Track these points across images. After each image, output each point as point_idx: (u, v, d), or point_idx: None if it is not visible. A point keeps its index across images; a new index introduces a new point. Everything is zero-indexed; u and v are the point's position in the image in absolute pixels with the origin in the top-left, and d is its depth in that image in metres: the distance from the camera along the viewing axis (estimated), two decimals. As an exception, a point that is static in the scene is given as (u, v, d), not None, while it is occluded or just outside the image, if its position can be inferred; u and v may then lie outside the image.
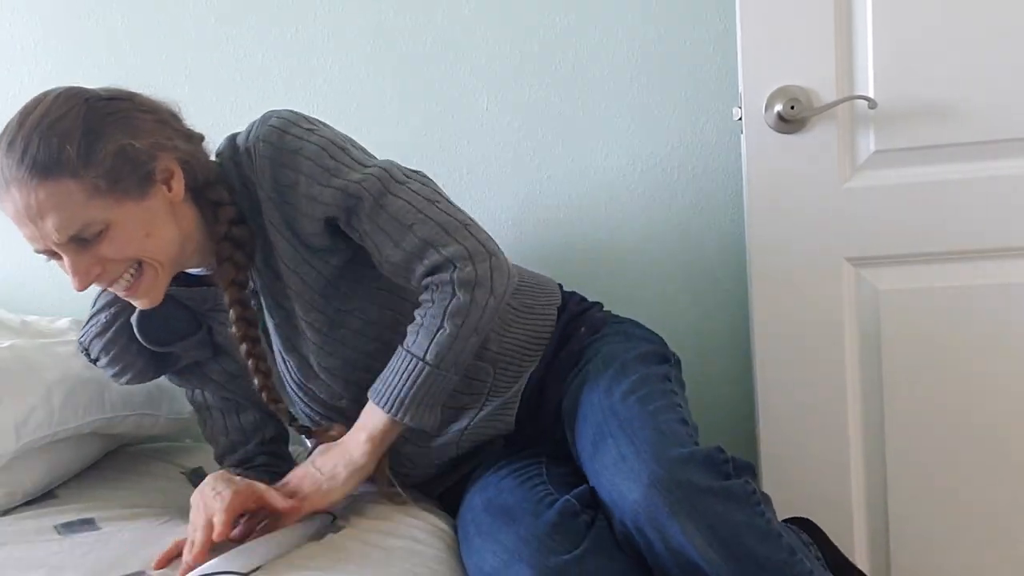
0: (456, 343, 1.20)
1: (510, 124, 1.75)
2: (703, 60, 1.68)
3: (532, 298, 1.40)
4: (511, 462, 1.31)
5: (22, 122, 1.12)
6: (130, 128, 1.14)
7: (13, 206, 1.12)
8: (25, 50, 1.89)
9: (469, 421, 1.32)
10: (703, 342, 1.73)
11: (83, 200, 1.11)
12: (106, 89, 1.18)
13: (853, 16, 1.43)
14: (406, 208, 1.20)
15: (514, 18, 1.72)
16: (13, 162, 1.11)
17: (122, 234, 1.14)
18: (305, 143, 1.19)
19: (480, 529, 1.21)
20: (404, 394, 1.21)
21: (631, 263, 1.75)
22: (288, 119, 1.21)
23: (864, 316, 1.51)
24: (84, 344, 1.34)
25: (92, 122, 1.12)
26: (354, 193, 1.19)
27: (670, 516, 1.07)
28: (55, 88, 1.17)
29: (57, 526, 1.30)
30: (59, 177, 1.10)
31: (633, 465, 1.12)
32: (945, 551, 1.53)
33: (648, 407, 1.21)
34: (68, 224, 1.11)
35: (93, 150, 1.11)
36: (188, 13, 1.83)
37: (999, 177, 1.43)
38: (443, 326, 1.19)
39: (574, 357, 1.37)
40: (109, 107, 1.15)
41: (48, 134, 1.10)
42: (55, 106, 1.13)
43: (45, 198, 1.10)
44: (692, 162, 1.71)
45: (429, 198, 1.22)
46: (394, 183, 1.21)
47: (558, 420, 1.35)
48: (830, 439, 1.53)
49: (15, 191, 1.11)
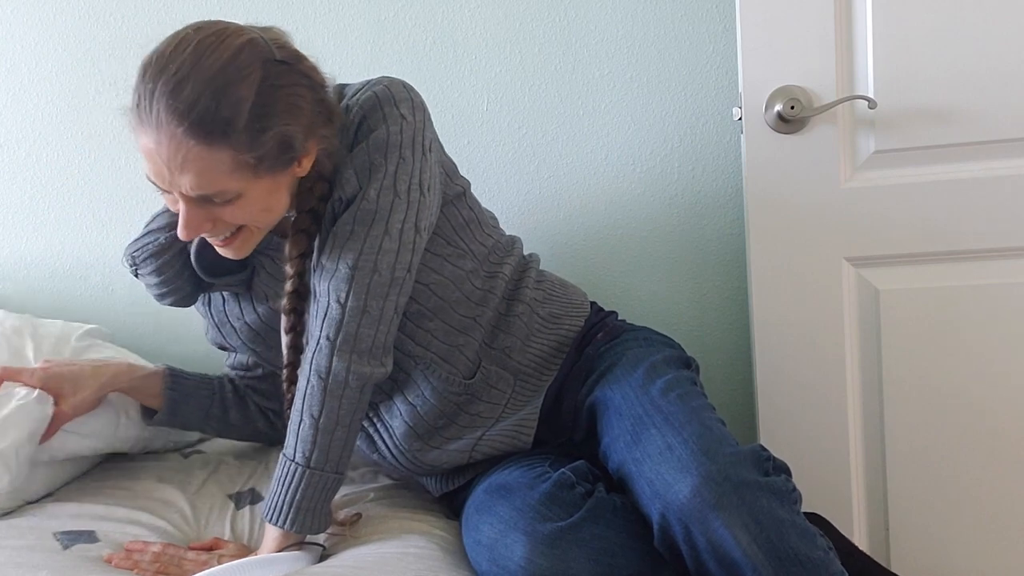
0: (320, 437, 1.18)
1: (510, 124, 1.75)
2: (703, 60, 1.68)
3: (560, 308, 1.39)
4: (518, 459, 1.31)
5: (196, 62, 1.07)
6: (295, 108, 1.12)
7: (155, 147, 1.08)
8: (25, 50, 1.89)
9: (484, 431, 1.32)
10: (703, 342, 1.73)
11: (228, 170, 1.10)
12: (277, 43, 1.14)
13: (853, 16, 1.43)
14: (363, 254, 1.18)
15: (514, 18, 1.72)
16: (174, 110, 1.06)
17: (247, 204, 1.14)
18: (383, 127, 1.19)
19: (479, 507, 1.22)
20: (284, 503, 1.18)
21: (631, 263, 1.75)
22: (393, 94, 1.20)
23: (864, 316, 1.51)
24: (136, 259, 1.33)
25: (265, 95, 1.09)
26: (360, 198, 1.18)
27: (717, 509, 1.07)
28: (228, 25, 1.12)
29: (56, 534, 1.28)
30: (217, 145, 1.07)
31: (681, 455, 1.12)
32: (945, 548, 1.54)
33: (689, 404, 1.21)
34: (205, 186, 1.10)
35: (259, 129, 1.09)
36: (188, 13, 1.83)
37: (999, 177, 1.43)
38: (303, 418, 1.19)
39: (592, 363, 1.36)
40: (281, 76, 1.11)
41: (220, 96, 1.06)
42: (234, 61, 1.08)
43: (194, 158, 1.08)
44: (692, 162, 1.71)
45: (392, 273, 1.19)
46: (385, 226, 1.18)
47: (575, 423, 1.35)
48: (830, 438, 1.54)
49: (164, 137, 1.07)
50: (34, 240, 1.95)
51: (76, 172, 1.91)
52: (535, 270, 1.40)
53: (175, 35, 1.11)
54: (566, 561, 1.10)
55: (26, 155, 1.93)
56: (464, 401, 1.31)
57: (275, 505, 1.19)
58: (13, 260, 1.96)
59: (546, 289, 1.39)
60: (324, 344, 1.18)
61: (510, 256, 1.37)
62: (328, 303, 1.19)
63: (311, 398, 1.18)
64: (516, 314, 1.33)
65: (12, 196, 1.94)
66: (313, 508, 1.19)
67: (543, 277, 1.41)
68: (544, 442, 1.35)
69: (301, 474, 1.18)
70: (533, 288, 1.37)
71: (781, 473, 1.15)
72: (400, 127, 1.19)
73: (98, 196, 1.91)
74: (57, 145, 1.91)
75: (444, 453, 1.32)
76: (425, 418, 1.30)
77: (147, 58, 1.10)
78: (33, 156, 1.92)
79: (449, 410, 1.31)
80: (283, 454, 1.20)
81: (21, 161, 1.93)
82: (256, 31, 1.13)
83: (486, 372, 1.31)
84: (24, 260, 1.96)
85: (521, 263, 1.39)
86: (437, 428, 1.31)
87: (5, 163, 1.93)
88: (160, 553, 1.22)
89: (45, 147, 1.92)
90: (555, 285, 1.42)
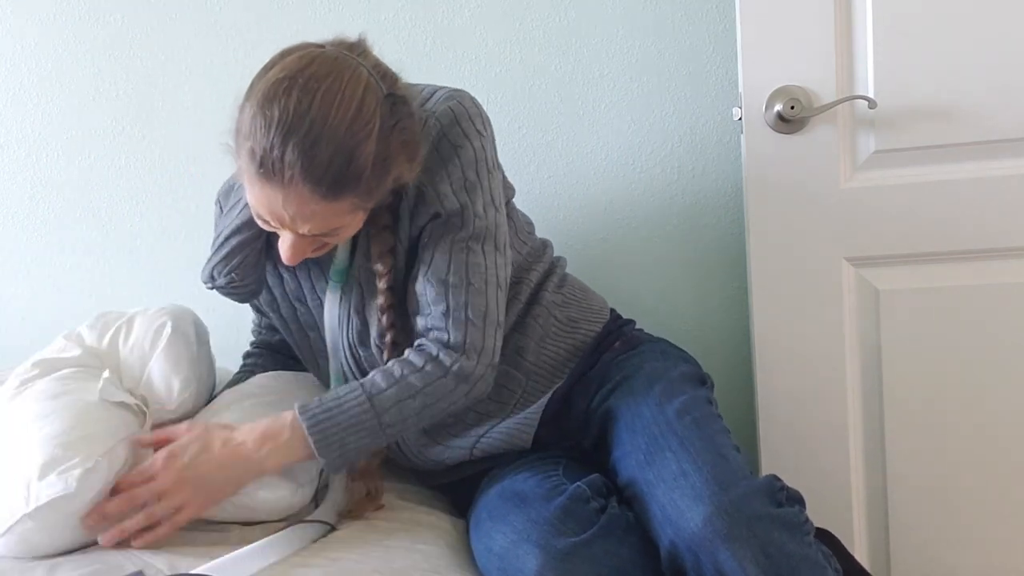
0: (411, 419, 1.21)
1: (510, 124, 1.75)
2: (703, 60, 1.68)
3: (578, 313, 1.39)
4: (530, 463, 1.31)
5: (325, 120, 1.06)
6: (407, 145, 1.14)
7: (281, 200, 1.09)
8: (25, 50, 1.89)
9: (489, 428, 1.32)
10: (703, 342, 1.72)
11: (346, 213, 1.13)
12: (379, 70, 1.14)
13: (853, 16, 1.43)
14: (480, 269, 1.22)
15: (514, 18, 1.72)
16: (308, 175, 1.06)
17: (347, 231, 1.18)
18: (468, 143, 1.21)
19: (492, 513, 1.22)
20: (334, 433, 1.17)
21: (631, 263, 1.75)
22: (467, 109, 1.22)
23: (864, 316, 1.51)
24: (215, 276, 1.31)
25: (384, 141, 1.10)
26: (466, 217, 1.21)
27: (728, 541, 1.07)
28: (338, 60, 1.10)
29: None
30: (343, 197, 1.10)
31: (695, 483, 1.12)
32: (945, 551, 1.53)
33: (705, 430, 1.21)
34: (321, 228, 1.13)
35: (382, 180, 1.12)
36: (188, 14, 1.83)
37: (999, 177, 1.43)
38: (415, 396, 1.20)
39: (608, 371, 1.36)
40: (394, 113, 1.12)
41: (351, 156, 1.07)
42: (360, 116, 1.08)
43: (320, 210, 1.10)
44: (692, 162, 1.71)
45: (499, 281, 1.24)
46: (491, 242, 1.23)
47: (585, 428, 1.35)
48: (830, 439, 1.53)
49: (293, 195, 1.08)
50: (34, 240, 1.95)
51: (76, 172, 1.91)
52: (559, 275, 1.41)
53: (289, 75, 1.08)
54: None
55: (26, 155, 1.93)
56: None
57: (326, 428, 1.17)
58: (13, 260, 1.96)
59: (566, 293, 1.40)
60: (471, 353, 1.21)
61: (539, 263, 1.39)
62: (466, 316, 1.21)
63: (439, 388, 1.20)
64: (533, 316, 1.34)
65: (12, 196, 1.94)
66: (347, 451, 1.19)
67: (565, 282, 1.42)
68: (552, 444, 1.36)
69: (373, 429, 1.18)
70: (553, 291, 1.38)
71: (795, 504, 1.14)
72: (481, 143, 1.22)
73: (98, 196, 1.91)
74: (57, 145, 1.91)
75: (447, 449, 1.33)
76: None
77: (264, 102, 1.08)
78: (33, 156, 1.92)
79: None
80: (371, 398, 1.18)
81: (21, 161, 1.93)
82: (353, 59, 1.12)
83: (497, 372, 1.31)
84: (24, 260, 1.96)
85: (548, 269, 1.40)
86: (445, 424, 1.32)
87: (5, 163, 1.94)
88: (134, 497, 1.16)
89: (45, 147, 1.92)
90: (575, 290, 1.43)
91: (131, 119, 1.88)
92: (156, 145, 1.87)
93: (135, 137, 1.88)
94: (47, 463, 1.13)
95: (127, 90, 1.87)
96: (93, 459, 1.14)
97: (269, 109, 1.07)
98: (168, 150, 1.87)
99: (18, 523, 1.12)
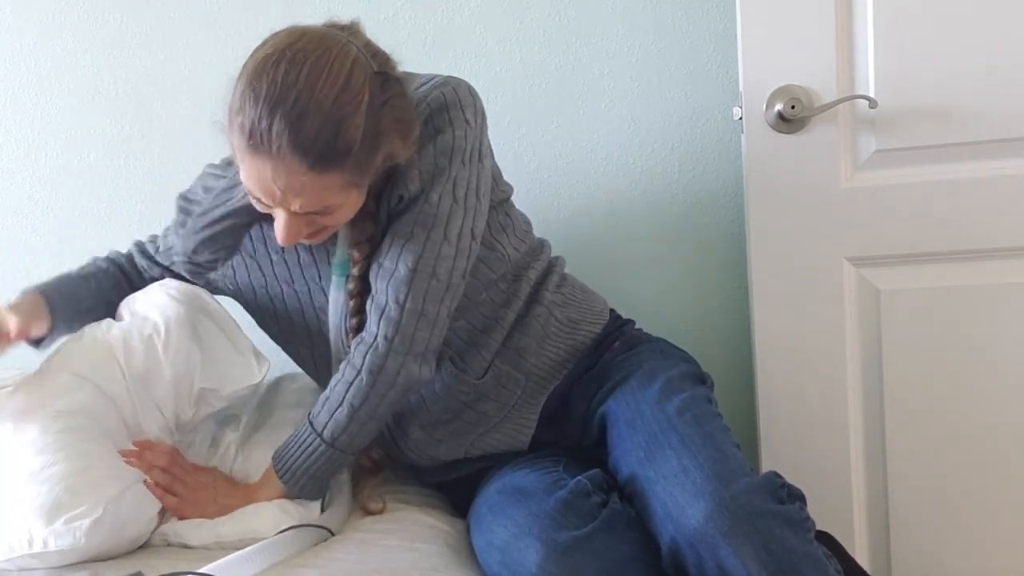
0: (353, 425, 1.23)
1: (510, 124, 1.75)
2: (703, 59, 1.68)
3: (578, 313, 1.39)
4: (530, 460, 1.31)
5: (312, 92, 1.06)
6: (399, 123, 1.14)
7: (271, 174, 1.09)
8: (24, 49, 1.89)
9: (487, 428, 1.33)
10: (703, 342, 1.72)
11: (337, 189, 1.12)
12: (369, 49, 1.14)
13: (853, 16, 1.43)
14: (414, 255, 1.20)
15: (514, 17, 1.72)
16: (296, 146, 1.07)
17: (345, 210, 1.17)
18: (450, 130, 1.20)
19: (492, 508, 1.22)
20: (299, 468, 1.25)
21: (631, 262, 1.75)
22: (460, 98, 1.21)
23: (864, 316, 1.51)
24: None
25: (374, 116, 1.10)
26: (418, 202, 1.19)
27: (729, 537, 1.07)
28: (326, 36, 1.11)
29: None
30: (332, 171, 1.10)
31: (695, 479, 1.12)
32: (945, 551, 1.53)
33: (705, 427, 1.21)
34: (314, 205, 1.13)
35: (371, 155, 1.12)
36: (188, 14, 1.83)
37: (999, 177, 1.43)
38: (342, 405, 1.22)
39: (608, 371, 1.36)
40: (384, 90, 1.12)
41: (339, 128, 1.07)
42: (347, 88, 1.08)
43: (309, 184, 1.10)
44: (692, 162, 1.71)
45: (436, 271, 1.20)
46: (439, 231, 1.20)
47: (585, 429, 1.35)
48: (830, 438, 1.53)
49: (282, 167, 1.08)
50: (34, 240, 1.95)
51: (76, 172, 1.91)
52: (558, 274, 1.41)
53: (277, 50, 1.09)
54: (578, 571, 1.10)
55: (25, 155, 1.93)
56: (472, 399, 1.32)
57: (290, 467, 1.25)
58: (13, 260, 1.95)
59: (566, 293, 1.39)
60: (381, 343, 1.21)
61: (537, 261, 1.38)
62: (386, 303, 1.21)
63: (356, 390, 1.22)
64: (534, 315, 1.34)
65: (12, 196, 1.94)
66: (322, 479, 1.26)
67: (564, 282, 1.41)
68: (551, 444, 1.36)
69: (324, 451, 1.23)
70: (553, 291, 1.37)
71: (795, 500, 1.14)
72: (464, 132, 1.21)
73: (98, 196, 1.91)
74: (57, 145, 1.91)
75: (443, 445, 1.34)
76: (432, 411, 1.32)
77: (253, 76, 1.09)
78: (33, 156, 1.92)
79: (455, 406, 1.32)
80: (311, 423, 1.24)
81: (21, 161, 1.93)
82: (343, 35, 1.13)
83: (497, 372, 1.31)
84: (24, 260, 1.96)
85: (546, 267, 1.40)
86: (442, 422, 1.33)
87: (5, 163, 1.93)
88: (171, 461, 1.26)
89: (45, 147, 1.92)
90: (576, 290, 1.42)
91: (131, 119, 1.88)
92: (156, 145, 1.87)
93: (135, 137, 1.88)
94: (53, 507, 1.13)
95: (127, 90, 1.87)
96: (101, 507, 1.14)
97: (257, 83, 1.08)
98: (168, 150, 1.87)
99: (19, 558, 1.14)
